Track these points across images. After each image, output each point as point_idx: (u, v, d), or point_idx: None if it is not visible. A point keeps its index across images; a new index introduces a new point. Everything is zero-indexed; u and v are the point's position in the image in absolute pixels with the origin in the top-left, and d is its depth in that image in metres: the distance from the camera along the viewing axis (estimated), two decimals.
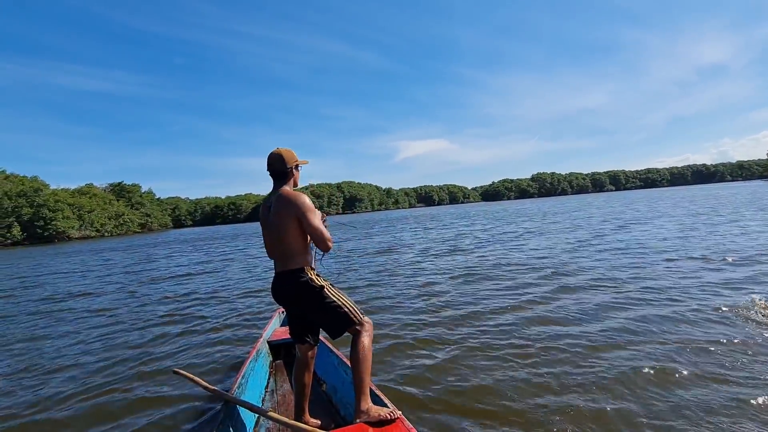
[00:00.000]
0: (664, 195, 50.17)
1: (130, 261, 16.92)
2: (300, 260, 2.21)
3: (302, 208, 2.16)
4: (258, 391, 2.95)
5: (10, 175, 63.72)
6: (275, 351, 3.67)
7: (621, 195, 76.12)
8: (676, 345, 3.56)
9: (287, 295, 2.26)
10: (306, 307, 2.25)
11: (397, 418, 2.04)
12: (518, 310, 5.03)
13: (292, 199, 2.18)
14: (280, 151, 2.31)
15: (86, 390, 3.62)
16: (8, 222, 53.26)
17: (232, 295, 7.49)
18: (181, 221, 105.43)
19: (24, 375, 4.14)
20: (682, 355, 3.36)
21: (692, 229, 11.84)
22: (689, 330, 3.92)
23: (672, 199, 34.46)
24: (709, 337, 3.70)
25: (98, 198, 71.08)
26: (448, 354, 3.75)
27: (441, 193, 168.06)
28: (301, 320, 2.33)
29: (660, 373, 3.07)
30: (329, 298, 2.20)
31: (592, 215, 22.39)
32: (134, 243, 34.48)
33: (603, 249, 9.55)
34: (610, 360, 3.38)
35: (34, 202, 56.30)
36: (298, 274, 2.20)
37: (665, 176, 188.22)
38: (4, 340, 5.48)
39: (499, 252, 10.57)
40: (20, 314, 7.15)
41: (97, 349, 4.84)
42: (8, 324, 6.44)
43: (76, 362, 4.39)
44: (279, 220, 2.19)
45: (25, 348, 5.10)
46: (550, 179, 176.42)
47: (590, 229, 14.51)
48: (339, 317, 2.20)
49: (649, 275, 6.35)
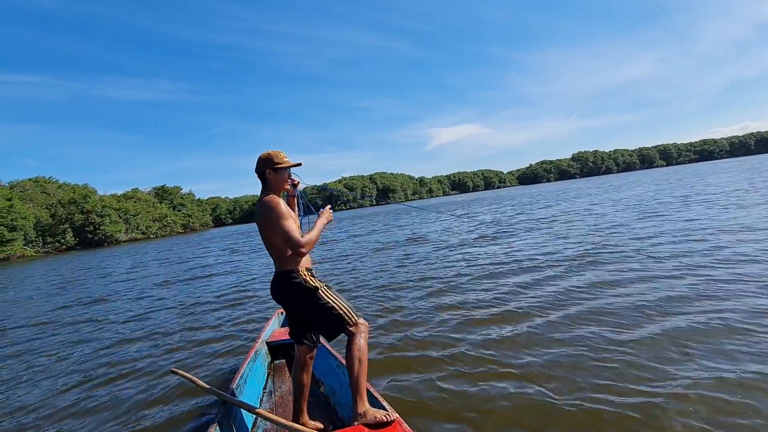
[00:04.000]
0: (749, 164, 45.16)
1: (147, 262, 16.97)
2: (292, 262, 2.23)
3: (269, 216, 2.19)
4: (256, 392, 2.93)
5: (63, 184, 68.31)
6: (274, 352, 3.61)
7: (681, 169, 69.86)
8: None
9: (282, 296, 2.28)
10: (300, 308, 2.28)
11: (395, 420, 2.01)
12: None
13: (264, 207, 2.22)
14: (261, 155, 2.33)
15: (82, 387, 3.74)
16: (62, 228, 56.95)
17: (237, 296, 7.32)
18: (222, 220, 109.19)
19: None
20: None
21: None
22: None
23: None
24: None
25: (143, 202, 74.64)
26: (449, 352, 3.56)
27: (475, 179, 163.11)
28: (298, 321, 2.35)
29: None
30: (323, 300, 2.20)
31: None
32: (172, 243, 35.67)
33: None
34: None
35: (84, 208, 59.81)
36: (291, 275, 2.23)
37: (724, 147, 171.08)
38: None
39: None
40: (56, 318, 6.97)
41: (94, 347, 5.02)
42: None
43: (72, 360, 4.59)
44: (260, 227, 2.26)
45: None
46: (592, 158, 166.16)
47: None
48: (333, 319, 2.20)
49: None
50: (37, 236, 54.10)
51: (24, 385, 4.01)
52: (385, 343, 3.92)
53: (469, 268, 7.07)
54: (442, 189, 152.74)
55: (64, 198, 61.65)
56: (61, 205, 59.95)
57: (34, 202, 58.22)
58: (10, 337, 6.24)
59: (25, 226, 50.59)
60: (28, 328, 6.68)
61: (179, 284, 9.87)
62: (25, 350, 5.32)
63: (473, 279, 6.17)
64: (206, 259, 16.15)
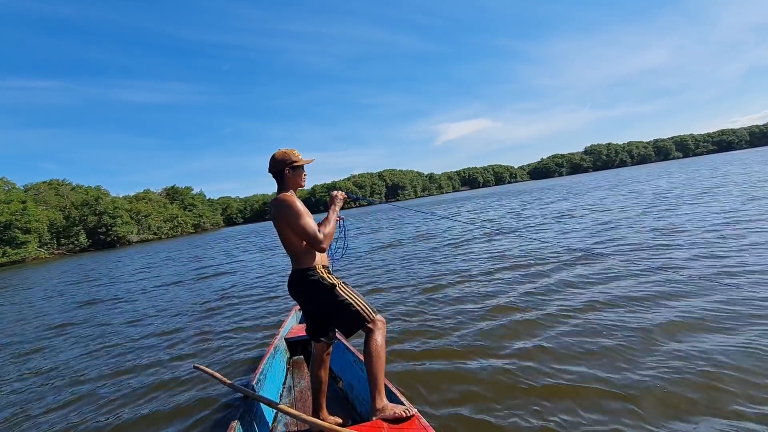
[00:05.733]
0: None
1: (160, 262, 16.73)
2: (308, 259, 2.23)
3: (288, 214, 2.18)
4: (276, 387, 2.96)
5: (76, 186, 69.14)
6: (292, 348, 3.63)
7: (698, 161, 67.91)
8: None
9: (299, 293, 2.29)
10: (318, 306, 2.27)
11: (413, 415, 2.01)
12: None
13: (280, 205, 2.22)
14: (275, 153, 2.34)
15: (106, 380, 3.90)
16: (76, 230, 57.60)
17: (255, 293, 7.36)
18: (233, 219, 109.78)
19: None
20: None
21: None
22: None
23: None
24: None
25: (154, 202, 75.23)
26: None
27: (486, 174, 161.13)
28: (315, 318, 2.36)
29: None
30: (340, 297, 2.21)
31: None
32: (183, 243, 35.72)
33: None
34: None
35: (96, 210, 60.40)
36: (308, 273, 2.23)
37: (743, 137, 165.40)
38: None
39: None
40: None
41: (121, 341, 5.24)
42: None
43: (95, 353, 4.80)
44: (277, 225, 2.25)
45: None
46: (606, 151, 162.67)
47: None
48: (350, 316, 2.20)
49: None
50: (52, 238, 54.80)
51: (52, 377, 4.23)
52: (404, 338, 3.90)
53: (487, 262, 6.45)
54: (452, 185, 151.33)
55: (77, 200, 62.35)
56: (75, 207, 60.63)
57: (48, 204, 59.01)
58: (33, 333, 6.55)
59: (39, 229, 51.22)
60: (50, 330, 6.72)
61: (195, 282, 9.93)
62: (46, 347, 5.56)
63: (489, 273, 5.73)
64: (221, 257, 16.16)
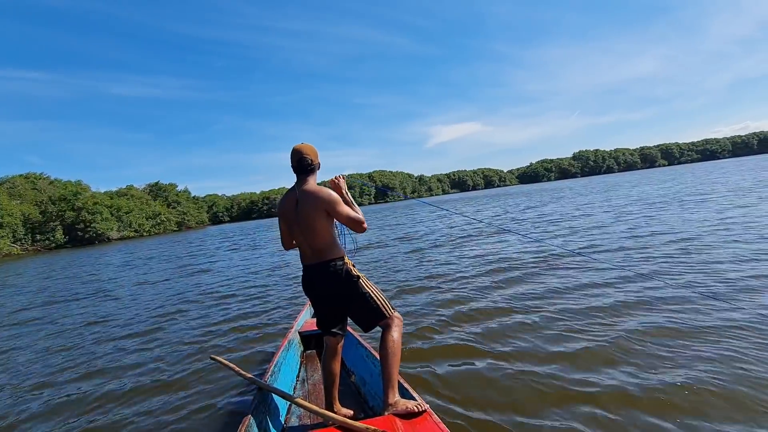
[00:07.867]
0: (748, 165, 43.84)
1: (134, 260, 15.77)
2: (336, 251, 2.24)
3: (331, 202, 2.19)
4: (290, 380, 2.97)
5: (54, 180, 66.85)
6: (306, 341, 3.65)
7: (685, 169, 68.86)
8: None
9: (323, 286, 2.26)
10: (340, 297, 2.26)
11: (425, 410, 2.01)
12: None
13: (321, 195, 2.20)
14: (306, 146, 2.31)
15: (124, 371, 3.92)
16: (52, 226, 55.55)
17: (265, 287, 7.49)
18: (219, 218, 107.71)
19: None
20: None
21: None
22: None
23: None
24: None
25: (136, 199, 73.14)
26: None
27: (475, 177, 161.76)
28: (328, 312, 2.33)
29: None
30: (364, 290, 2.23)
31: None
32: (164, 241, 34.47)
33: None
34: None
35: (75, 205, 58.39)
36: (337, 263, 2.22)
37: (726, 146, 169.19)
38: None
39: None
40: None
41: (139, 332, 5.29)
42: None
43: (114, 345, 4.85)
44: (310, 215, 2.19)
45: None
46: (593, 157, 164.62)
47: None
48: (371, 309, 2.23)
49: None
50: (26, 234, 52.72)
51: (73, 370, 4.17)
52: (419, 333, 3.99)
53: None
54: (441, 187, 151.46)
55: (55, 194, 60.22)
56: (52, 201, 58.52)
57: (24, 198, 56.86)
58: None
59: (12, 224, 49.21)
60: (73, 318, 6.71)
61: (203, 275, 10.11)
62: (78, 344, 5.31)
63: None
64: (215, 255, 15.49)
